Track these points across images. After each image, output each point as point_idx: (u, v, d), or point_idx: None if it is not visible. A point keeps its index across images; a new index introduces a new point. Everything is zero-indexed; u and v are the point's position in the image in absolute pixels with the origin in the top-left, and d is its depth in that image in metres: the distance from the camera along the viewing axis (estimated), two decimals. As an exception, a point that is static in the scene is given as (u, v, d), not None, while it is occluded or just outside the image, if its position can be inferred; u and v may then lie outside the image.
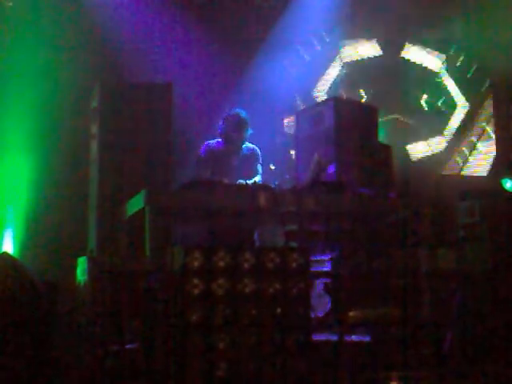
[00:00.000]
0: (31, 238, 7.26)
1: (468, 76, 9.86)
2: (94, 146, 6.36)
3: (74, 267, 5.87)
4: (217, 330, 3.97)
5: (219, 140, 6.28)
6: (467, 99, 9.86)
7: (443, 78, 9.87)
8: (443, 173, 9.33)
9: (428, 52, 9.76)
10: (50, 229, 7.17)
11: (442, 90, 9.85)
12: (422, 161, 9.63)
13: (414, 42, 9.69)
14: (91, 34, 7.52)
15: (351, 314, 4.60)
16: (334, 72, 9.29)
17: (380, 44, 9.48)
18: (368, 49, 9.50)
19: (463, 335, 4.90)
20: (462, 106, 9.89)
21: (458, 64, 9.85)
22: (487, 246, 5.36)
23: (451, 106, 9.90)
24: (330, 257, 5.89)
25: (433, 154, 9.69)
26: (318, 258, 5.97)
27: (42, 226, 7.23)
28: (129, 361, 4.37)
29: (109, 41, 7.50)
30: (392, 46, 9.52)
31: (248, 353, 3.99)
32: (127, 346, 4.49)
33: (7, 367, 4.17)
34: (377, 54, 9.52)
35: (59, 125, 7.31)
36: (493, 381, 4.50)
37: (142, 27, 7.77)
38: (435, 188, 8.45)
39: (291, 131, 8.10)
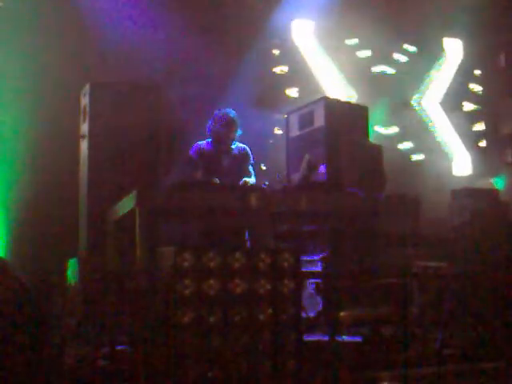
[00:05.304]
0: (21, 240, 7.22)
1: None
2: (84, 145, 6.33)
3: (64, 269, 5.86)
4: (209, 331, 3.96)
5: (209, 140, 6.26)
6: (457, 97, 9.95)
7: (434, 77, 9.91)
8: (434, 172, 9.34)
9: (419, 51, 9.80)
10: (41, 230, 7.13)
11: (433, 89, 9.89)
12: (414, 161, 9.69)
13: (405, 42, 9.73)
14: (83, 34, 7.49)
15: (342, 314, 4.60)
16: (326, 72, 9.30)
17: (370, 45, 9.49)
18: (359, 50, 9.51)
19: (456, 334, 4.91)
20: (452, 105, 9.95)
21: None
22: (477, 245, 5.38)
23: (441, 104, 9.95)
24: (320, 257, 5.89)
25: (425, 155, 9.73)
26: (309, 258, 5.97)
27: (33, 228, 7.19)
28: (120, 362, 4.35)
29: (101, 40, 7.47)
30: (383, 47, 9.53)
31: (240, 353, 3.99)
32: (118, 347, 4.47)
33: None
34: (367, 55, 9.54)
35: (49, 124, 7.26)
36: (492, 380, 4.51)
37: (134, 26, 7.73)
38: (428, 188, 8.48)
39: (282, 131, 8.08)
